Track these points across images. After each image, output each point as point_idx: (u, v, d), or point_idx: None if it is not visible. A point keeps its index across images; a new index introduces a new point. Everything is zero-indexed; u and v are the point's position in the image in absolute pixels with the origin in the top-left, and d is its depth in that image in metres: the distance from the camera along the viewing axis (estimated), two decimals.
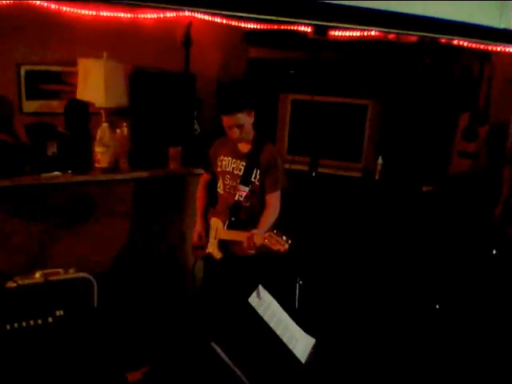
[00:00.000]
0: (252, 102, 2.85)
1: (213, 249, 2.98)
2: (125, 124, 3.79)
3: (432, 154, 4.26)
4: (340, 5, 2.57)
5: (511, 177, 3.85)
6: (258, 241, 2.64)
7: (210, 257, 3.00)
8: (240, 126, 2.80)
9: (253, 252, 2.69)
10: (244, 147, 2.95)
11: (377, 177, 4.24)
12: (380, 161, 4.23)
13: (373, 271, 3.99)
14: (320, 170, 4.04)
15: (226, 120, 2.80)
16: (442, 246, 3.95)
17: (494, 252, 3.66)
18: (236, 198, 2.90)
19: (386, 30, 3.09)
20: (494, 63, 4.25)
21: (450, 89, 4.31)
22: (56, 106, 3.79)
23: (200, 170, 3.38)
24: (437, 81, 4.28)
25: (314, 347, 2.15)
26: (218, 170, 3.03)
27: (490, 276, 3.63)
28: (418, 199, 4.13)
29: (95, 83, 3.61)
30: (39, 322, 2.55)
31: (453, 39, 3.52)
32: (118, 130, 3.73)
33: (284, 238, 2.46)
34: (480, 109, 4.21)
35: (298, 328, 2.19)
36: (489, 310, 3.50)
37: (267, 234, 2.54)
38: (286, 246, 2.45)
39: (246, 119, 2.81)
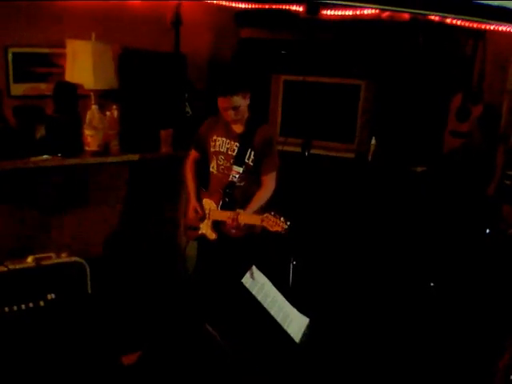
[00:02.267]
0: (248, 84, 2.83)
1: (206, 229, 2.97)
2: (114, 106, 3.73)
3: (425, 135, 4.24)
4: None
5: (504, 156, 3.85)
6: (244, 221, 2.66)
7: (203, 238, 2.99)
8: (236, 108, 2.78)
9: (235, 232, 2.71)
10: (238, 128, 2.93)
11: (370, 158, 4.22)
12: (373, 142, 4.21)
13: (367, 251, 3.99)
14: (313, 151, 4.01)
15: (222, 102, 2.77)
16: (436, 226, 3.95)
17: (488, 231, 3.67)
18: (230, 179, 2.88)
19: (378, 6, 3.05)
20: (488, 42, 4.21)
21: (443, 68, 4.28)
22: (45, 88, 3.73)
23: None
24: (430, 60, 4.24)
25: (308, 327, 2.15)
26: (212, 150, 3.00)
27: (483, 255, 3.64)
28: (411, 180, 4.12)
29: (83, 65, 3.55)
30: (30, 305, 2.52)
31: (446, 17, 3.48)
32: (107, 113, 3.68)
33: (282, 219, 2.46)
34: (473, 88, 4.18)
35: (292, 308, 2.18)
36: (483, 289, 3.52)
37: (264, 216, 2.55)
38: (285, 226, 2.45)
39: (242, 101, 2.80)
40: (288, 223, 2.45)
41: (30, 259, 2.79)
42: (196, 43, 4.20)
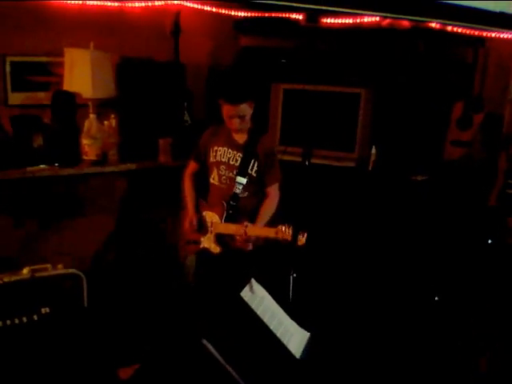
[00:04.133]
0: (255, 93, 2.81)
1: (209, 244, 2.91)
2: (113, 115, 3.71)
3: (426, 143, 4.21)
4: None
5: (506, 164, 3.80)
6: (257, 233, 2.63)
7: (204, 252, 2.94)
8: (242, 117, 2.76)
9: (248, 246, 2.67)
10: (240, 138, 2.89)
11: (370, 167, 4.19)
12: (373, 150, 4.17)
13: (368, 263, 3.94)
14: (313, 160, 3.98)
15: (229, 109, 2.74)
16: (438, 236, 3.90)
17: (490, 241, 3.62)
18: (233, 190, 2.84)
19: (377, 13, 3.02)
20: (489, 50, 4.19)
21: (444, 76, 4.25)
22: (43, 97, 3.71)
23: None
24: (430, 68, 4.22)
25: (309, 341, 2.10)
26: (212, 160, 2.95)
27: (486, 266, 3.59)
28: (412, 189, 4.09)
29: (82, 74, 3.53)
30: (24, 320, 2.48)
31: (447, 24, 3.46)
32: (105, 122, 3.66)
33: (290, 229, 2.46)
34: (474, 97, 4.15)
35: (292, 322, 2.13)
36: (486, 300, 3.46)
37: (278, 228, 2.53)
38: (303, 239, 2.43)
39: (248, 110, 2.78)
40: (305, 235, 2.44)
41: (25, 271, 2.75)
42: (195, 52, 4.17)
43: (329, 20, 3.91)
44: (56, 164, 3.44)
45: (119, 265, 3.78)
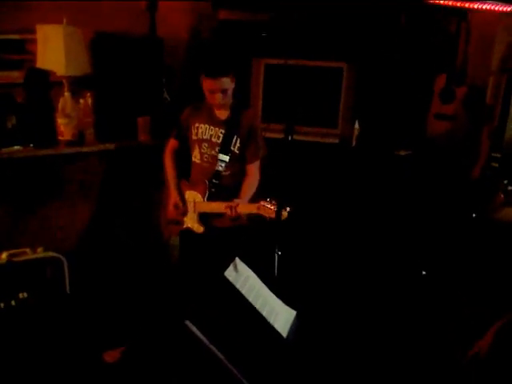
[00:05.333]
0: (236, 66, 2.74)
1: (192, 223, 2.87)
2: (88, 94, 3.60)
3: (409, 117, 4.18)
4: None
5: (490, 137, 3.79)
6: (242, 210, 2.60)
7: (187, 232, 2.89)
8: (224, 91, 2.69)
9: (235, 222, 2.65)
10: (222, 114, 2.83)
11: (354, 142, 4.15)
12: (356, 125, 4.13)
13: (353, 239, 3.93)
14: (296, 137, 3.92)
15: (210, 84, 2.67)
16: (422, 211, 3.90)
17: (474, 215, 3.63)
18: (215, 168, 2.78)
19: None
20: (471, 22, 4.14)
21: (426, 49, 4.20)
22: (17, 76, 3.55)
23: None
24: (412, 41, 4.16)
25: (296, 320, 2.07)
26: (194, 138, 2.88)
27: (470, 240, 3.60)
28: (395, 164, 4.06)
29: (55, 50, 3.40)
30: (1, 305, 2.40)
31: None
32: (81, 100, 3.55)
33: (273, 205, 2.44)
34: (457, 69, 4.11)
35: (278, 301, 2.10)
36: (470, 274, 3.48)
37: (260, 204, 2.50)
38: (285, 213, 2.40)
39: (230, 84, 2.71)
40: (288, 209, 2.40)
41: (3, 255, 2.68)
42: (172, 26, 4.04)
43: None
44: (31, 145, 3.34)
45: (101, 247, 3.71)
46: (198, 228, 2.84)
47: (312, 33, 4.08)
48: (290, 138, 3.53)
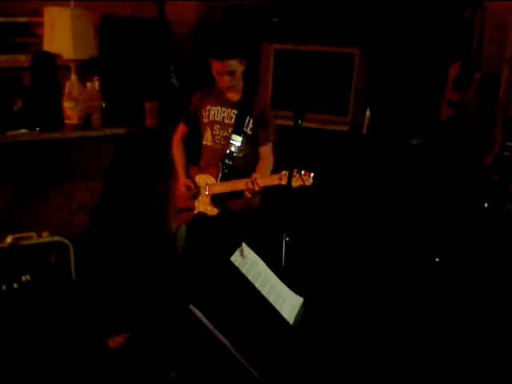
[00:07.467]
0: (245, 49, 2.73)
1: (205, 207, 2.84)
2: (96, 77, 3.55)
3: (421, 105, 4.10)
4: None
5: (503, 125, 3.71)
6: (263, 183, 2.55)
7: (195, 220, 2.86)
8: (231, 73, 2.66)
9: (255, 197, 2.64)
10: (233, 96, 2.81)
11: (364, 131, 4.08)
12: (368, 114, 4.06)
13: (364, 227, 3.88)
14: (305, 124, 3.86)
15: (218, 66, 2.65)
16: (433, 199, 3.83)
17: (486, 205, 3.55)
18: (228, 149, 2.77)
19: None
20: (486, 9, 4.04)
21: (441, 36, 4.11)
22: (23, 59, 3.54)
23: None
24: (426, 27, 4.07)
25: (303, 307, 2.03)
26: (205, 120, 2.86)
27: (481, 230, 3.54)
28: (407, 152, 3.99)
29: (62, 33, 3.36)
30: (3, 288, 2.38)
31: None
32: (88, 84, 3.51)
33: (303, 172, 2.41)
34: (471, 56, 4.02)
35: (285, 287, 2.06)
36: (481, 264, 3.42)
37: (282, 173, 2.46)
38: (310, 180, 2.39)
39: (238, 66, 2.68)
40: (312, 175, 2.38)
41: (9, 239, 2.67)
42: (181, 10, 4.00)
43: None
44: (37, 128, 3.31)
45: (107, 232, 3.69)
46: (212, 210, 2.81)
47: (323, 17, 4.01)
48: (300, 124, 3.50)
